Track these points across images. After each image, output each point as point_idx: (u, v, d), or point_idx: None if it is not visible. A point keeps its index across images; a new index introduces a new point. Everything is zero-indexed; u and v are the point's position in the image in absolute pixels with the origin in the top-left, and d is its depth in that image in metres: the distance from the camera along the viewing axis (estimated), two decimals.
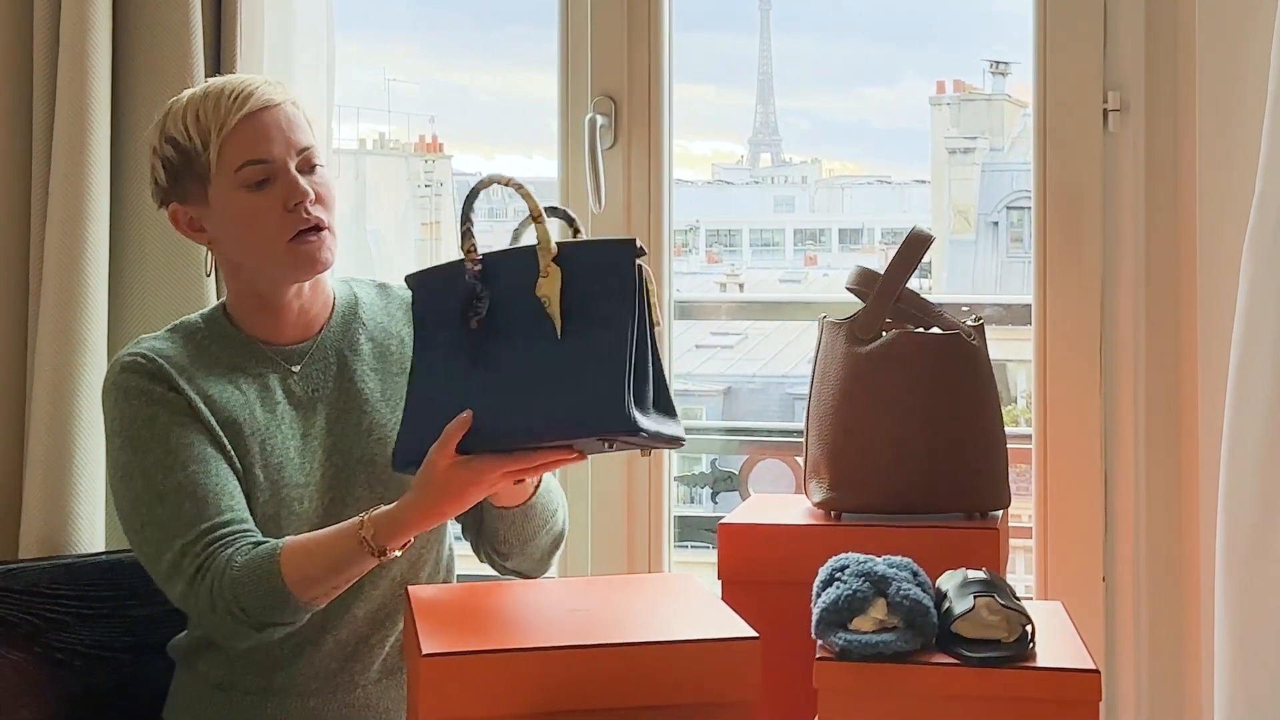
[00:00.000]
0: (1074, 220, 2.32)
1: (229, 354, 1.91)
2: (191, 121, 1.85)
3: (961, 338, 1.97)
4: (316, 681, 1.89)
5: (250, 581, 1.75)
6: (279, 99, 1.86)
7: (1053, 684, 1.54)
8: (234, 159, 1.83)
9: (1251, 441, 1.92)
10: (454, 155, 5.68)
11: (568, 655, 1.50)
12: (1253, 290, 1.92)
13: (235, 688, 1.90)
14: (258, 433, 1.87)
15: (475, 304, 1.70)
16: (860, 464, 1.96)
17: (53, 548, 2.20)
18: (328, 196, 1.88)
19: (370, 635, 1.91)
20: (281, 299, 1.91)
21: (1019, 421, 3.42)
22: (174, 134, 1.86)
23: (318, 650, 1.89)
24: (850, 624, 1.58)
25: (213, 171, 1.84)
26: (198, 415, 1.84)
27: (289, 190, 1.83)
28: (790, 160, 7.91)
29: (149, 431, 1.84)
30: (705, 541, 2.93)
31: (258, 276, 1.90)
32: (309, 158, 1.87)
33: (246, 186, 1.84)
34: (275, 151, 1.84)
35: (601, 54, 2.51)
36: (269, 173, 1.83)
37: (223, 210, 1.86)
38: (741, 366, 6.30)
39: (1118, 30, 2.30)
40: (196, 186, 1.86)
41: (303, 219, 1.84)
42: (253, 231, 1.85)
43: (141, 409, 1.85)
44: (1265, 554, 1.91)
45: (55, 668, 2.03)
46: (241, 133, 1.83)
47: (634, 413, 1.61)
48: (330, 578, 1.76)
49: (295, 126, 1.86)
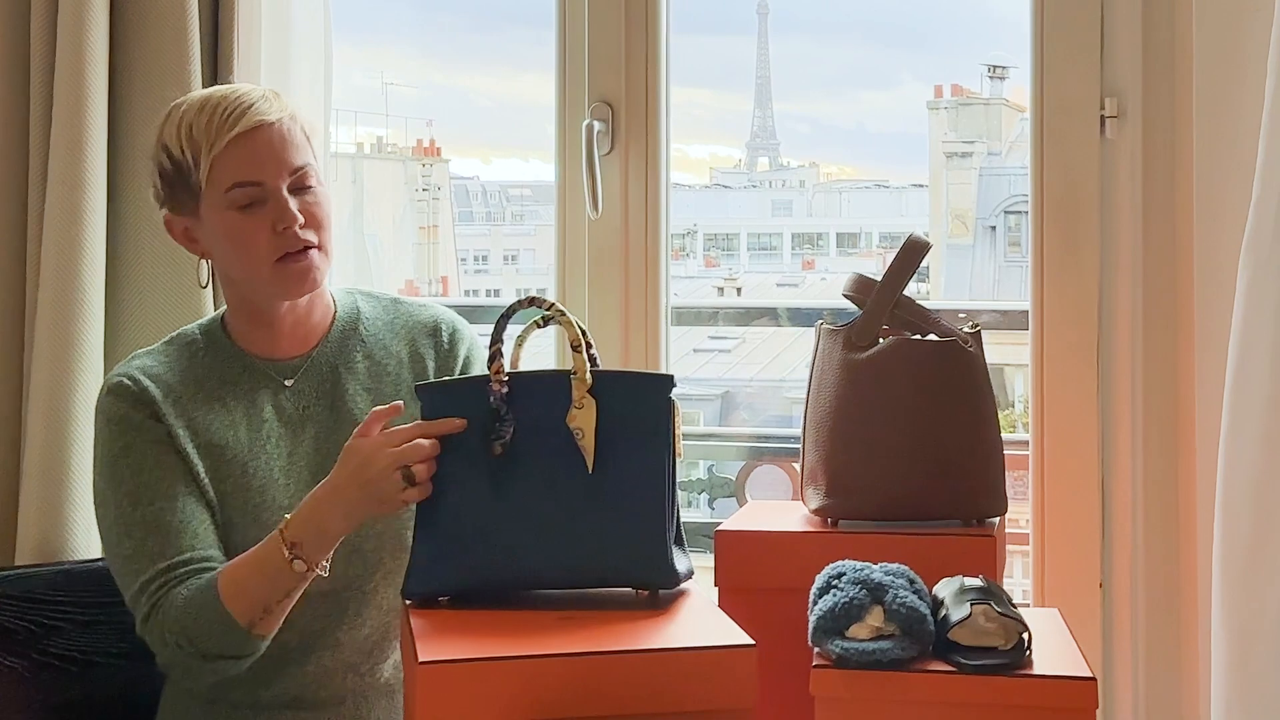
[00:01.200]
0: (1071, 225, 2.32)
1: (221, 368, 1.90)
2: (185, 135, 1.83)
3: (958, 344, 1.97)
4: (305, 697, 1.89)
5: (194, 611, 1.75)
6: (273, 116, 1.83)
7: (1049, 691, 1.54)
8: (224, 179, 1.82)
9: (1249, 447, 1.92)
10: (451, 159, 5.68)
11: (565, 663, 1.50)
12: (1250, 295, 1.92)
13: (223, 701, 1.89)
14: (240, 456, 1.86)
15: (500, 427, 1.63)
16: (857, 471, 1.95)
17: (49, 554, 2.20)
18: (321, 216, 1.86)
19: (360, 664, 1.91)
20: (276, 312, 1.91)
21: (1016, 427, 3.42)
22: (169, 144, 1.86)
23: (302, 671, 1.88)
24: (847, 631, 1.58)
25: (203, 189, 1.83)
26: (175, 445, 1.84)
27: (278, 213, 1.82)
28: (788, 164, 7.90)
29: (124, 461, 1.84)
30: (702, 548, 2.92)
31: (249, 291, 1.89)
32: (302, 178, 1.85)
33: (236, 207, 1.83)
34: (266, 174, 1.82)
35: (599, 58, 2.51)
36: (259, 195, 1.82)
37: (213, 227, 1.85)
38: (739, 370, 6.30)
39: (1115, 36, 2.30)
40: (189, 200, 1.86)
41: (291, 242, 1.83)
42: (241, 251, 1.84)
43: (120, 436, 1.85)
44: (1262, 560, 1.91)
45: (51, 673, 2.03)
46: (232, 153, 1.81)
47: (676, 567, 1.62)
48: (264, 592, 1.73)
49: (289, 145, 1.84)
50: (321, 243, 1.86)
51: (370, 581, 1.88)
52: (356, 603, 1.88)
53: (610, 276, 2.51)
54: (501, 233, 7.02)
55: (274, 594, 1.73)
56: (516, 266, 7.02)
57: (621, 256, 2.50)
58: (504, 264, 7.07)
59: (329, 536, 1.72)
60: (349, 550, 1.83)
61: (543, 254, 6.23)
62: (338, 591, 1.86)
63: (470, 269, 6.56)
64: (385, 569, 1.88)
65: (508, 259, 7.12)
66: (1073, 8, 2.32)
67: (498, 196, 7.14)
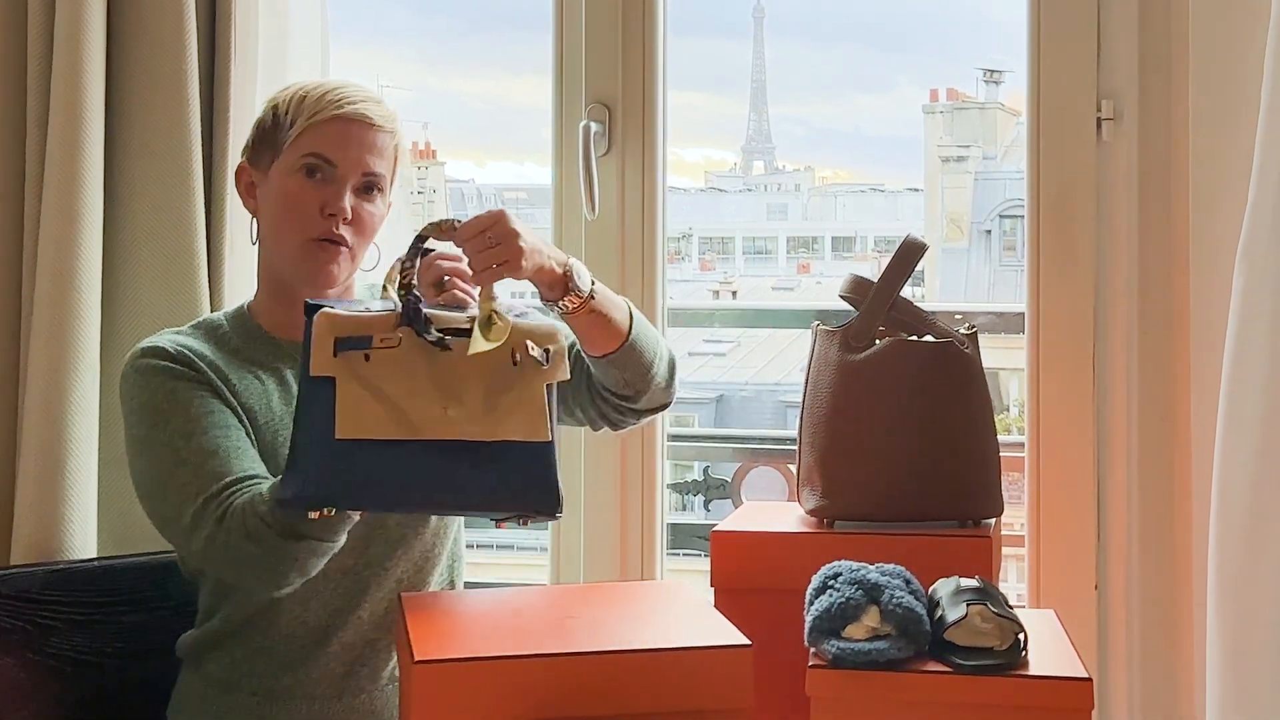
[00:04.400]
0: (1067, 228, 2.32)
1: (249, 348, 1.93)
2: (296, 100, 1.90)
3: (954, 346, 1.97)
4: (323, 685, 1.89)
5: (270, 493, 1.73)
6: (378, 123, 1.90)
7: (1045, 692, 1.54)
8: (306, 145, 1.88)
9: (1244, 450, 1.92)
10: (447, 162, 5.67)
11: (561, 663, 1.50)
12: (1245, 298, 1.93)
13: (241, 689, 1.90)
14: (273, 424, 1.88)
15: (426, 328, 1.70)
16: (853, 472, 1.96)
17: (44, 554, 2.19)
18: (368, 224, 1.92)
19: (377, 640, 1.91)
20: (302, 295, 1.92)
21: (1012, 430, 3.42)
22: (279, 103, 1.92)
23: (324, 652, 1.89)
24: (843, 632, 1.58)
25: (285, 148, 1.89)
26: (218, 392, 1.87)
27: (332, 198, 1.88)
28: (783, 167, 7.90)
29: (170, 402, 1.84)
30: (698, 549, 2.92)
31: (278, 264, 1.94)
32: (371, 183, 1.91)
33: (301, 172, 1.88)
34: (344, 160, 1.88)
35: (595, 61, 2.51)
36: (327, 174, 1.88)
37: (274, 186, 1.91)
38: (735, 374, 6.30)
39: (1111, 39, 2.31)
40: (267, 154, 1.92)
41: (329, 230, 1.88)
42: (285, 214, 1.90)
43: (164, 383, 1.86)
44: (1257, 562, 1.91)
45: (46, 674, 2.02)
46: (325, 128, 1.88)
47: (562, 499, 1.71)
48: None
49: (376, 151, 1.90)
50: (354, 247, 1.91)
51: (391, 559, 1.90)
52: (377, 580, 1.89)
53: (607, 278, 2.49)
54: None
55: None
56: None
57: (618, 258, 2.50)
58: None
59: None
60: (371, 528, 1.85)
61: None
62: (358, 570, 1.88)
63: None
64: (407, 545, 1.91)
65: None
66: (1069, 11, 2.32)
67: (493, 199, 7.13)
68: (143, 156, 2.28)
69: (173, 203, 2.26)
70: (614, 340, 1.86)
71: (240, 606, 1.90)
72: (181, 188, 2.26)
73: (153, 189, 2.27)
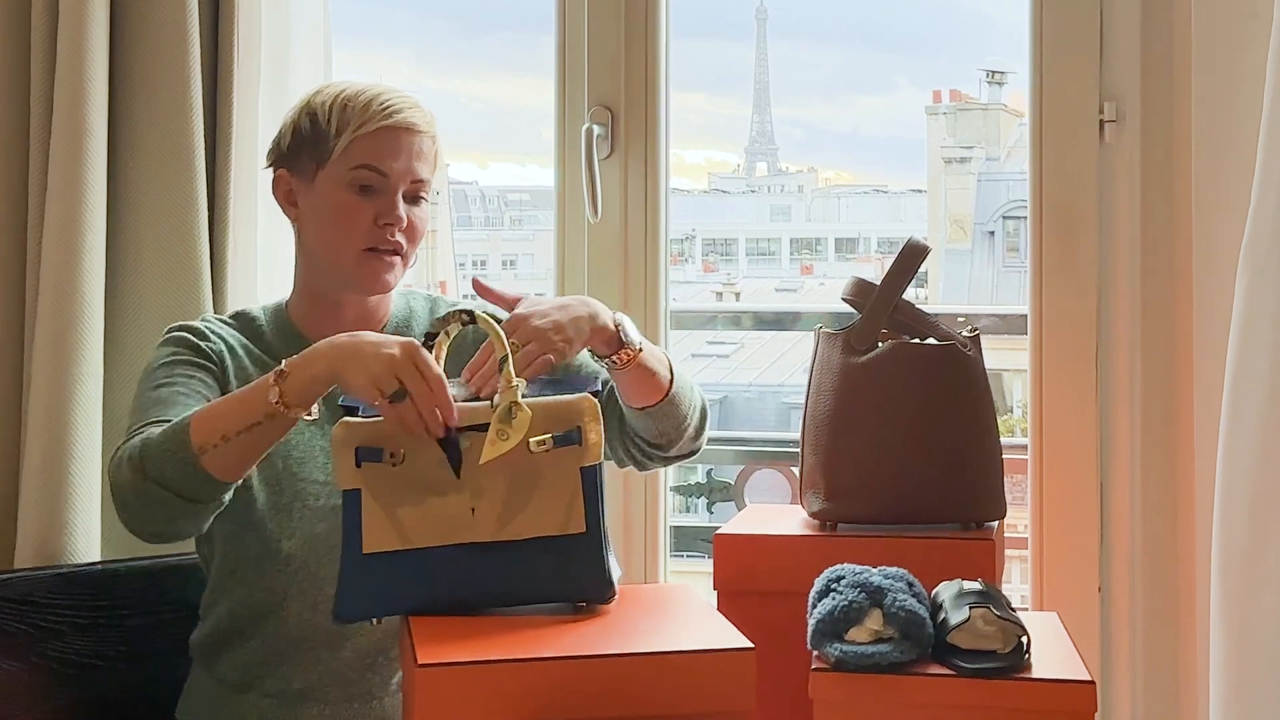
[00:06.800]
0: (1070, 230, 2.32)
1: (281, 346, 1.94)
2: (338, 108, 1.90)
3: (957, 348, 1.97)
4: (335, 689, 1.89)
5: (159, 432, 1.73)
6: (423, 128, 1.92)
7: (1048, 695, 1.54)
8: (355, 157, 1.89)
9: (1247, 452, 1.92)
10: (449, 164, 5.68)
11: (564, 666, 1.50)
12: (1248, 300, 1.92)
13: (253, 690, 1.90)
14: None
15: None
16: (856, 474, 1.96)
17: (48, 557, 2.19)
18: (419, 231, 1.94)
19: (389, 649, 1.91)
20: (343, 301, 1.97)
21: (1015, 432, 3.43)
22: (317, 110, 1.92)
23: (336, 657, 1.89)
24: (846, 635, 1.58)
25: (332, 159, 1.90)
26: (218, 379, 1.90)
27: (386, 208, 1.90)
28: (786, 169, 7.92)
29: (165, 366, 1.90)
30: (701, 551, 2.92)
31: (327, 271, 1.95)
32: (419, 189, 1.93)
33: (353, 186, 1.90)
34: (394, 170, 1.90)
35: (598, 63, 2.51)
36: (378, 185, 1.90)
37: (323, 197, 1.92)
38: (738, 375, 6.30)
39: (1114, 41, 2.31)
40: (311, 165, 1.92)
41: (385, 239, 1.90)
42: (338, 229, 1.91)
43: (173, 350, 1.91)
44: (1260, 565, 1.91)
45: (50, 677, 2.02)
46: (374, 139, 1.89)
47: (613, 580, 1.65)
48: (231, 417, 1.69)
49: (423, 157, 1.92)
50: (407, 253, 1.93)
51: None
52: None
53: (609, 280, 2.51)
54: (500, 237, 7.02)
55: (239, 421, 1.69)
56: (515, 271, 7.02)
57: (621, 260, 2.51)
58: (502, 269, 7.07)
59: (311, 374, 1.69)
60: None
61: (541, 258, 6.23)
62: None
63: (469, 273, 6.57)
64: None
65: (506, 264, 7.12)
66: (1072, 12, 2.32)
67: (496, 201, 7.14)
68: (146, 161, 2.28)
69: (176, 207, 2.27)
70: (655, 394, 1.90)
71: (242, 600, 1.91)
72: (184, 192, 2.26)
73: (156, 193, 2.27)
